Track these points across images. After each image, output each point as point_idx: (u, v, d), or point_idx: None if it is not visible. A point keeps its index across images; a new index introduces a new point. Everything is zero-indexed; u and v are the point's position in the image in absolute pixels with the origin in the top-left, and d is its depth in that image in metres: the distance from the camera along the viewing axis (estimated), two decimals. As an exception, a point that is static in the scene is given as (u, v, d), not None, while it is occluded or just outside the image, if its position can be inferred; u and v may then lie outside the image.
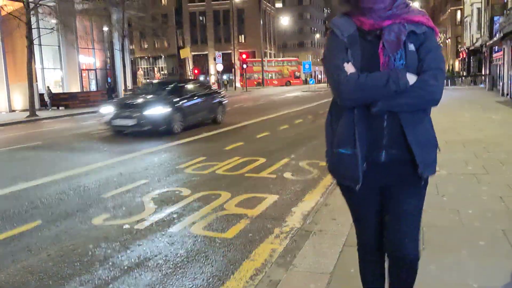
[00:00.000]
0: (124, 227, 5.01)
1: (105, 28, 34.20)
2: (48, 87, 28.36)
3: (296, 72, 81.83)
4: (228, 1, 76.09)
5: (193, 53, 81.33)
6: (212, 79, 79.39)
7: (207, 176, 7.43)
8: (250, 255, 4.15)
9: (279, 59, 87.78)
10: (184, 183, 7.01)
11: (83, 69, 35.14)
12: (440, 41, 59.47)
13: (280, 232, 4.73)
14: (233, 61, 69.17)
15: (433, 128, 2.38)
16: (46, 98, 27.45)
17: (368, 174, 2.20)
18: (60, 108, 27.95)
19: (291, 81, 79.11)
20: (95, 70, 37.12)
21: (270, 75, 78.76)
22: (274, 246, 4.33)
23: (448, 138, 9.94)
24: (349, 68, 2.10)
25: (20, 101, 27.20)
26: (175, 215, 5.38)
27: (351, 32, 2.13)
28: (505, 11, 25.45)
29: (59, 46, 32.01)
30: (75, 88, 32.51)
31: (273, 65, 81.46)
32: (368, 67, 2.10)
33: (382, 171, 2.23)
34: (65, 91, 31.38)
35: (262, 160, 8.70)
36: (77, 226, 5.10)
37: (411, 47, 2.09)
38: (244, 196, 6.13)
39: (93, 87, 36.34)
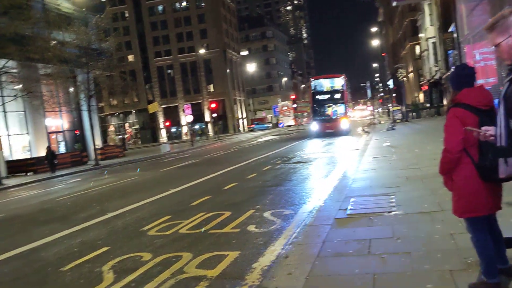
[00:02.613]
0: (79, 302, 4.89)
1: (71, 90, 34.29)
2: None
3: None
4: (194, 53, 77.66)
5: (163, 106, 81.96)
6: (185, 129, 79.77)
7: (170, 237, 7.35)
8: (205, 321, 4.08)
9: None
10: (146, 246, 6.91)
11: (51, 132, 34.89)
12: (402, 76, 61.57)
13: (238, 293, 4.68)
14: (203, 111, 69.76)
15: None
16: None
17: None
18: (28, 174, 27.45)
19: None
20: (63, 132, 36.90)
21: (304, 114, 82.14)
22: (231, 309, 4.27)
23: (410, 174, 10.17)
24: None
25: (-14, 170, 26.60)
26: (133, 284, 5.27)
27: None
28: (456, 45, 26.70)
29: (24, 112, 31.83)
30: (44, 152, 32.07)
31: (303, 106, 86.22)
32: None
33: None
34: (33, 155, 30.94)
35: (227, 213, 8.68)
36: (30, 307, 4.95)
37: None
38: (205, 256, 6.07)
39: (62, 149, 35.98)
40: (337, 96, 35.37)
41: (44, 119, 32.75)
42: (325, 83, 36.64)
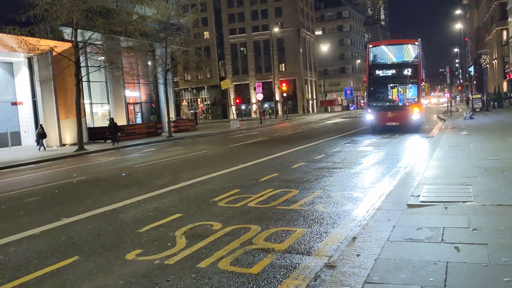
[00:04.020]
0: (155, 262, 5.19)
1: (149, 63, 35.66)
2: (40, 124, 26.86)
3: None
4: (268, 32, 77.52)
5: (234, 83, 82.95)
6: (254, 107, 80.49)
7: (239, 209, 7.56)
8: (273, 291, 4.21)
9: None
10: (216, 216, 7.17)
11: (129, 103, 36.64)
12: (485, 63, 57.94)
13: (305, 268, 4.76)
14: (273, 90, 69.87)
15: None
16: (36, 137, 26.10)
17: None
18: (107, 141, 29.07)
19: None
20: (140, 103, 38.61)
21: None
22: (298, 283, 4.36)
23: (488, 165, 9.68)
24: None
25: (69, 135, 28.55)
26: (204, 250, 5.51)
27: None
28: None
29: (106, 82, 33.67)
30: (122, 121, 33.86)
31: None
32: None
33: None
34: (112, 124, 32.68)
35: (294, 191, 8.77)
36: (111, 262, 5.33)
37: None
38: (273, 230, 6.20)
39: (139, 120, 37.73)
40: (407, 71, 23.59)
41: (123, 90, 34.40)
42: (389, 52, 25.12)
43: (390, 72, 24.37)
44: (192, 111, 79.49)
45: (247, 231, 6.22)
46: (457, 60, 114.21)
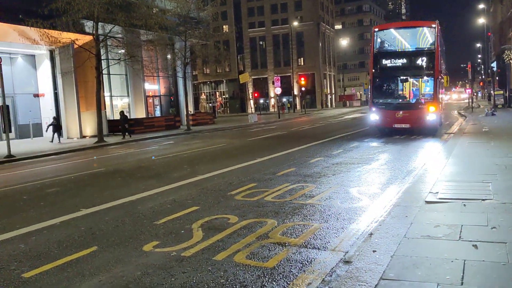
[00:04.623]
0: (171, 254, 5.26)
1: (169, 56, 35.83)
2: (54, 116, 27.19)
3: None
4: (287, 25, 77.18)
5: (253, 77, 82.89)
6: (272, 101, 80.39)
7: (255, 203, 7.59)
8: (288, 286, 4.23)
9: None
10: (233, 210, 7.21)
11: (148, 96, 36.94)
12: (508, 58, 56.65)
13: (321, 263, 4.76)
14: (292, 84, 69.60)
15: None
16: (50, 130, 25.83)
17: None
18: (126, 133, 29.38)
19: None
20: (160, 96, 38.88)
21: None
22: (313, 277, 4.37)
23: (509, 162, 9.54)
24: None
25: (90, 127, 28.92)
26: (220, 243, 5.56)
27: None
28: None
29: (126, 75, 33.97)
30: (141, 114, 34.19)
31: None
32: None
33: None
34: (132, 117, 33.00)
35: (311, 186, 8.76)
36: (129, 253, 5.41)
37: None
38: (289, 224, 6.21)
39: (158, 113, 38.03)
40: (422, 61, 18.72)
41: (143, 83, 34.68)
42: (399, 37, 20.75)
43: (401, 62, 19.40)
44: (210, 104, 79.69)
45: (264, 225, 6.25)
46: (479, 55, 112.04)
